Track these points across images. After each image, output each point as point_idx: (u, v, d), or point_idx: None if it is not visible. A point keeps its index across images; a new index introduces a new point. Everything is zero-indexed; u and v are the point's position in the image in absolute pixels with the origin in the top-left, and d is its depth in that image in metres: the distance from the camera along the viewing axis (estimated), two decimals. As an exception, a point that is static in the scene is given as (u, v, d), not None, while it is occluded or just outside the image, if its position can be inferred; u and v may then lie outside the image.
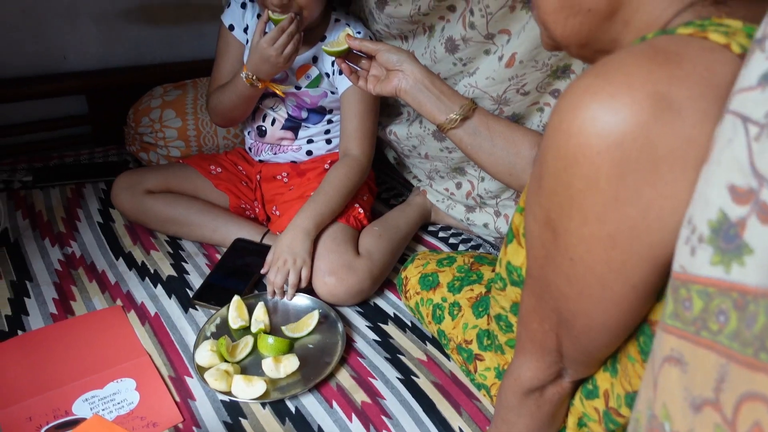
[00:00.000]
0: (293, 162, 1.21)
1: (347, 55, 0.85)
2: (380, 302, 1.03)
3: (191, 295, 1.01)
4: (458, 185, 1.20)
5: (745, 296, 0.31)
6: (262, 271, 1.00)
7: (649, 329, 0.46)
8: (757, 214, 0.31)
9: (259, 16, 1.12)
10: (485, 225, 1.18)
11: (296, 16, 0.97)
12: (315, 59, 1.11)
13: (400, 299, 1.02)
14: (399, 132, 1.19)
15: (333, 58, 1.07)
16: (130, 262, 1.10)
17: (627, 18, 0.47)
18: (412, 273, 0.96)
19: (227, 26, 1.13)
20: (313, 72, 1.11)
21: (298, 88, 1.12)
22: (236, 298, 0.95)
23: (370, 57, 0.85)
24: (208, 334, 0.91)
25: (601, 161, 0.38)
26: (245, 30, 1.13)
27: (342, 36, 0.83)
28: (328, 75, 1.11)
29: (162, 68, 1.55)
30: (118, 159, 1.47)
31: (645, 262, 0.40)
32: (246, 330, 0.92)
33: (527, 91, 0.93)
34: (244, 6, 1.13)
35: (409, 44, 1.08)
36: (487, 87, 0.95)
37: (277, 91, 1.08)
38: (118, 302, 0.99)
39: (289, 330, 0.92)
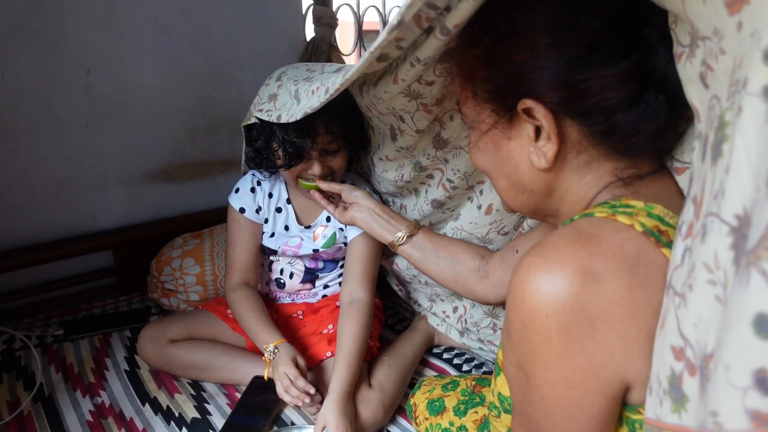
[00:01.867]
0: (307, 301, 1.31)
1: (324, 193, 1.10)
2: (393, 429, 1.09)
3: (215, 437, 1.07)
4: (455, 309, 1.30)
5: None
6: None
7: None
8: (687, 368, 0.41)
9: (270, 195, 1.23)
10: (480, 348, 1.27)
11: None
12: (328, 219, 1.24)
13: (411, 425, 1.08)
14: (401, 263, 1.31)
15: None
16: (156, 408, 1.17)
17: (561, 195, 0.61)
18: (420, 399, 1.03)
19: (237, 209, 1.23)
20: (329, 231, 1.24)
21: (316, 250, 1.24)
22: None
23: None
24: (234, 475, 0.96)
25: (550, 322, 0.48)
26: (257, 211, 1.24)
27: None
28: (341, 229, 1.24)
29: (181, 220, 1.70)
30: (142, 306, 1.59)
31: (599, 397, 0.50)
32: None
33: (506, 231, 1.06)
34: (253, 191, 1.24)
35: (402, 200, 1.20)
36: (471, 230, 1.08)
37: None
38: (147, 449, 1.05)
39: None
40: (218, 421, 1.12)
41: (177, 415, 1.15)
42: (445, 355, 1.32)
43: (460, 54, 0.65)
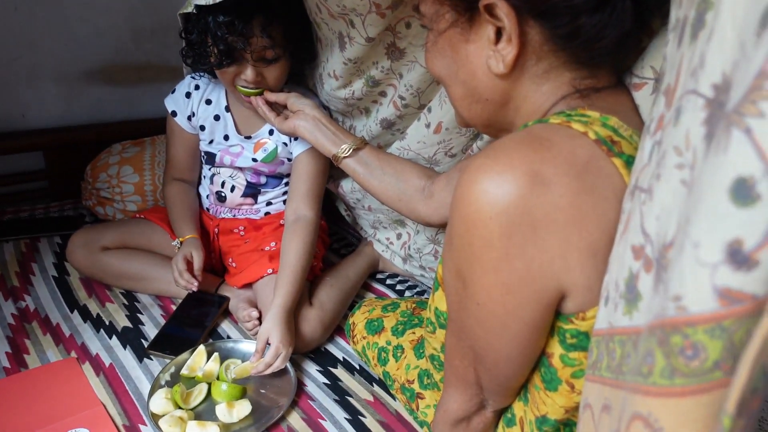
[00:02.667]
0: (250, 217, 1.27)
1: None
2: (330, 347, 1.09)
3: (146, 346, 1.04)
4: (398, 236, 1.29)
5: (639, 335, 0.38)
6: (256, 357, 0.96)
7: (547, 361, 0.55)
8: (644, 266, 0.39)
9: (207, 102, 1.17)
10: (422, 275, 1.27)
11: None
12: (271, 132, 1.18)
13: (349, 344, 1.08)
14: (345, 186, 1.28)
15: None
16: (85, 315, 1.13)
17: (517, 106, 0.58)
18: (359, 319, 1.03)
19: (170, 111, 1.18)
20: (270, 146, 1.18)
21: (254, 161, 1.19)
22: (200, 348, 0.99)
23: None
24: (163, 382, 0.94)
25: (492, 225, 0.47)
26: (189, 118, 1.18)
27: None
28: (285, 144, 1.18)
29: (121, 126, 1.60)
30: (74, 213, 1.50)
31: (534, 304, 0.49)
32: (200, 378, 0.96)
33: (454, 153, 1.04)
34: (188, 95, 1.17)
35: (351, 121, 1.17)
36: (419, 149, 1.05)
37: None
38: (73, 354, 1.01)
39: (235, 372, 0.95)
40: (151, 331, 1.09)
41: (107, 323, 1.11)
42: (388, 281, 1.32)
43: None
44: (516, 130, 0.60)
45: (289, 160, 1.20)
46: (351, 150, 0.93)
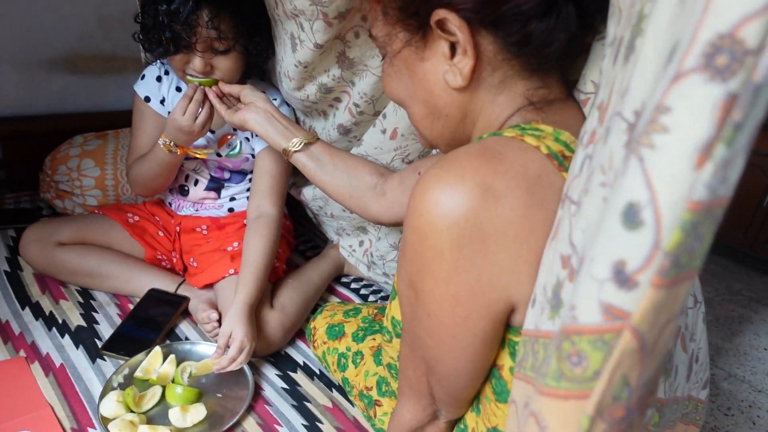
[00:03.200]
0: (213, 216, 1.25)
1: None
2: (291, 351, 1.08)
3: (100, 346, 1.01)
4: (360, 243, 1.29)
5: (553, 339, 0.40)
6: (218, 353, 0.95)
7: (497, 372, 0.55)
8: (569, 275, 0.41)
9: (178, 89, 1.16)
10: (385, 282, 1.26)
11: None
12: (235, 128, 1.17)
13: (309, 348, 1.07)
14: (307, 193, 1.27)
15: None
16: (37, 312, 1.09)
17: (474, 119, 0.59)
18: (320, 323, 1.02)
19: (143, 98, 1.15)
20: (235, 141, 1.17)
21: (219, 155, 1.18)
22: (156, 349, 0.97)
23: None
24: (116, 384, 0.92)
25: (443, 237, 0.47)
26: (162, 102, 1.16)
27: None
28: (248, 139, 1.18)
29: (84, 117, 1.56)
30: (31, 206, 1.45)
31: (483, 317, 0.50)
32: (154, 381, 0.94)
33: (411, 160, 1.04)
34: (159, 79, 1.16)
35: (311, 120, 1.16)
36: (376, 155, 1.05)
37: (198, 156, 1.12)
38: (22, 353, 0.98)
39: (196, 368, 0.94)
40: (106, 331, 1.06)
41: (60, 321, 1.07)
42: (353, 285, 1.32)
43: None
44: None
45: (253, 156, 1.19)
46: (302, 144, 0.91)
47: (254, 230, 1.09)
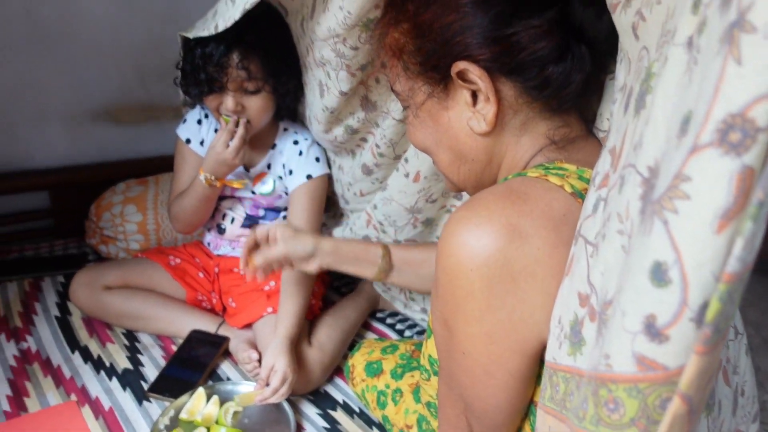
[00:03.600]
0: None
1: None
2: (330, 389, 1.09)
3: (146, 388, 1.04)
4: None
5: (581, 378, 0.41)
6: (261, 384, 0.97)
7: (535, 409, 0.55)
8: (589, 314, 0.42)
9: (216, 131, 1.20)
10: (422, 319, 1.27)
11: (247, 122, 1.09)
12: (269, 166, 1.22)
13: (348, 385, 1.08)
14: (337, 234, 1.30)
15: (284, 161, 1.20)
16: (86, 356, 1.13)
17: (499, 162, 0.61)
18: (358, 361, 1.03)
19: (184, 140, 1.22)
20: (268, 179, 1.22)
21: (253, 192, 1.22)
22: (200, 390, 0.99)
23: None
24: (162, 426, 0.94)
25: (473, 276, 0.49)
26: (201, 143, 1.22)
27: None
28: (281, 177, 1.22)
29: (125, 165, 1.63)
30: (78, 252, 1.52)
31: (517, 353, 0.50)
32: (199, 422, 0.96)
33: (435, 199, 1.06)
34: (199, 122, 1.23)
35: (340, 159, 1.20)
36: (401, 200, 1.07)
37: (235, 185, 1.17)
38: (73, 397, 1.01)
39: (237, 400, 0.96)
40: (151, 372, 1.09)
41: (108, 364, 1.11)
42: (389, 320, 1.32)
43: (385, 30, 0.64)
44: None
45: (286, 193, 1.23)
46: (385, 270, 0.93)
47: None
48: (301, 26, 0.96)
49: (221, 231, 1.28)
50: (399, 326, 1.30)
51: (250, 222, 1.26)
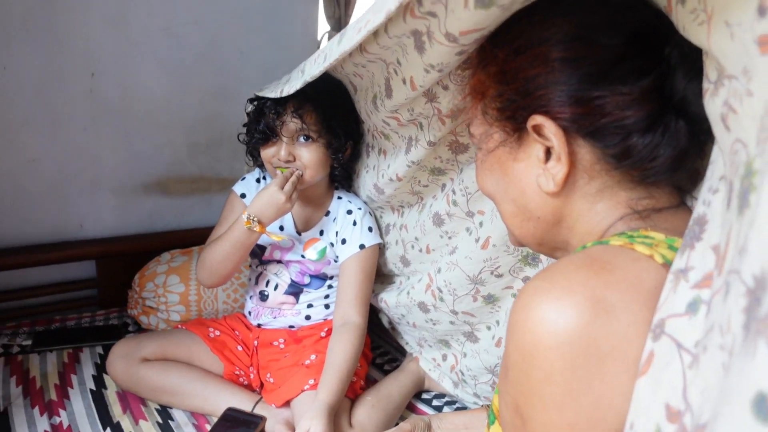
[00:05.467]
0: (290, 327, 1.24)
1: None
2: (372, 479, 0.99)
3: (177, 471, 0.97)
4: (444, 357, 1.22)
5: None
6: None
7: None
8: None
9: None
10: (474, 403, 1.17)
11: (301, 174, 1.10)
12: (321, 232, 1.21)
13: (392, 475, 0.98)
14: (389, 300, 1.24)
15: (338, 229, 1.18)
16: (118, 433, 1.08)
17: (571, 225, 0.56)
18: (403, 447, 0.94)
19: (238, 194, 1.22)
20: (320, 245, 1.20)
21: (302, 257, 1.20)
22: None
23: None
24: None
25: (554, 356, 0.42)
26: None
27: None
28: (332, 244, 1.20)
29: (171, 235, 1.64)
30: (119, 322, 1.50)
31: None
32: None
33: (501, 273, 1.00)
34: (258, 181, 1.24)
35: (403, 217, 1.18)
36: (465, 266, 1.02)
37: (274, 238, 1.13)
38: (100, 478, 0.96)
39: None
40: (183, 453, 1.03)
41: (139, 443, 1.05)
42: (435, 402, 1.23)
43: (474, 70, 0.62)
44: (573, 251, 0.57)
45: (335, 261, 1.21)
46: None
47: (339, 335, 1.09)
48: (373, 103, 0.96)
49: (263, 298, 1.24)
50: (446, 408, 1.20)
51: (294, 289, 1.23)
